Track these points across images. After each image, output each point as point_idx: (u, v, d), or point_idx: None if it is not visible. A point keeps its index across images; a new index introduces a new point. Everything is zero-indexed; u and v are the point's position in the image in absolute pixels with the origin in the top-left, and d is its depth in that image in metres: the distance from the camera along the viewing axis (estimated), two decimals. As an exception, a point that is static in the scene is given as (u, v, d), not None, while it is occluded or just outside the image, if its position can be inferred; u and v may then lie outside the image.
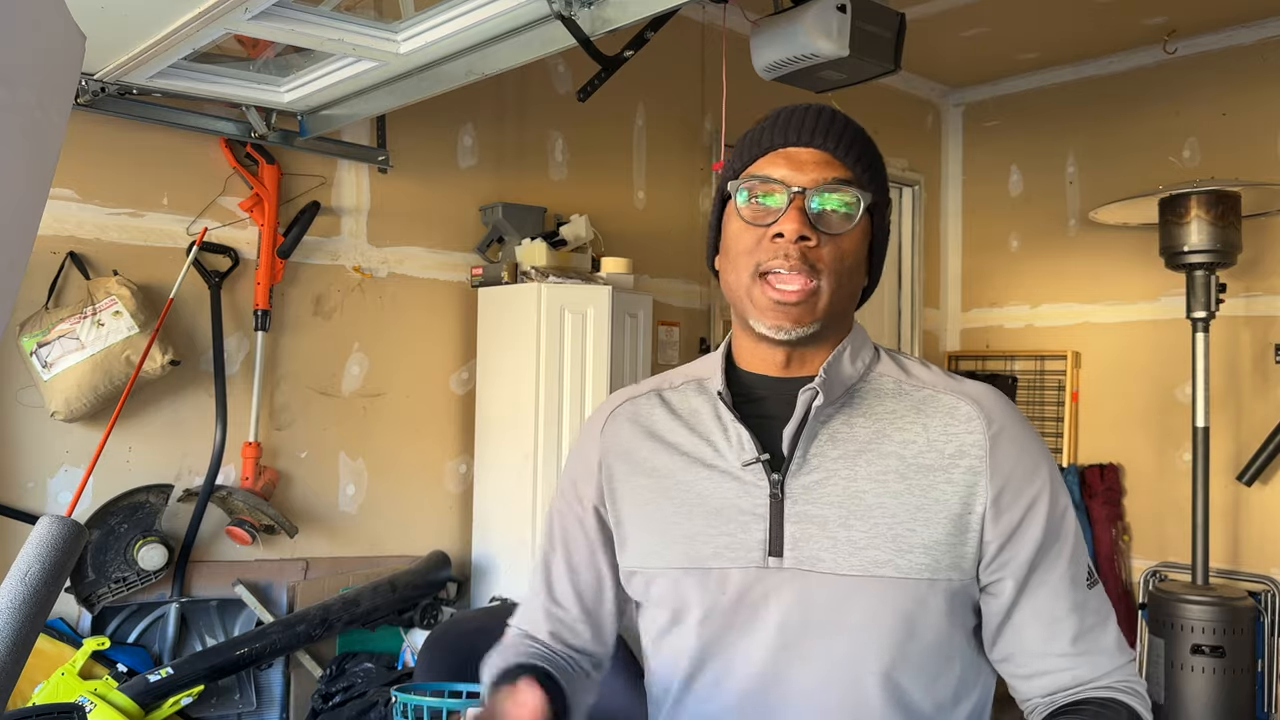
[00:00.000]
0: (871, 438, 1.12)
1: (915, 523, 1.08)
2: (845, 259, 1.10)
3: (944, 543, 1.08)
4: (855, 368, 1.15)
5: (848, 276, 1.11)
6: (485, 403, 3.48)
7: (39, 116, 0.66)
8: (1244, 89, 4.36)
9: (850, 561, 1.08)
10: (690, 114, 4.24)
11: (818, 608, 1.08)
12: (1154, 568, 4.49)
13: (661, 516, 1.16)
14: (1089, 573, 1.13)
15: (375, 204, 3.38)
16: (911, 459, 1.10)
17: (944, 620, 1.09)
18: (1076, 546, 1.13)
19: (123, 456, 2.87)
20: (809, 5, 2.27)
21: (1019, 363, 5.09)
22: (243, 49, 2.65)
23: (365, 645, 3.11)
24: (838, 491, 1.10)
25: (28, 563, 0.82)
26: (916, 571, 1.07)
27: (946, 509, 1.08)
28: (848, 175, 1.11)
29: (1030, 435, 1.14)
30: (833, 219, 1.09)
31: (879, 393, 1.15)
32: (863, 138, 1.14)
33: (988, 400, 1.14)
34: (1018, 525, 1.09)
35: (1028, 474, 1.10)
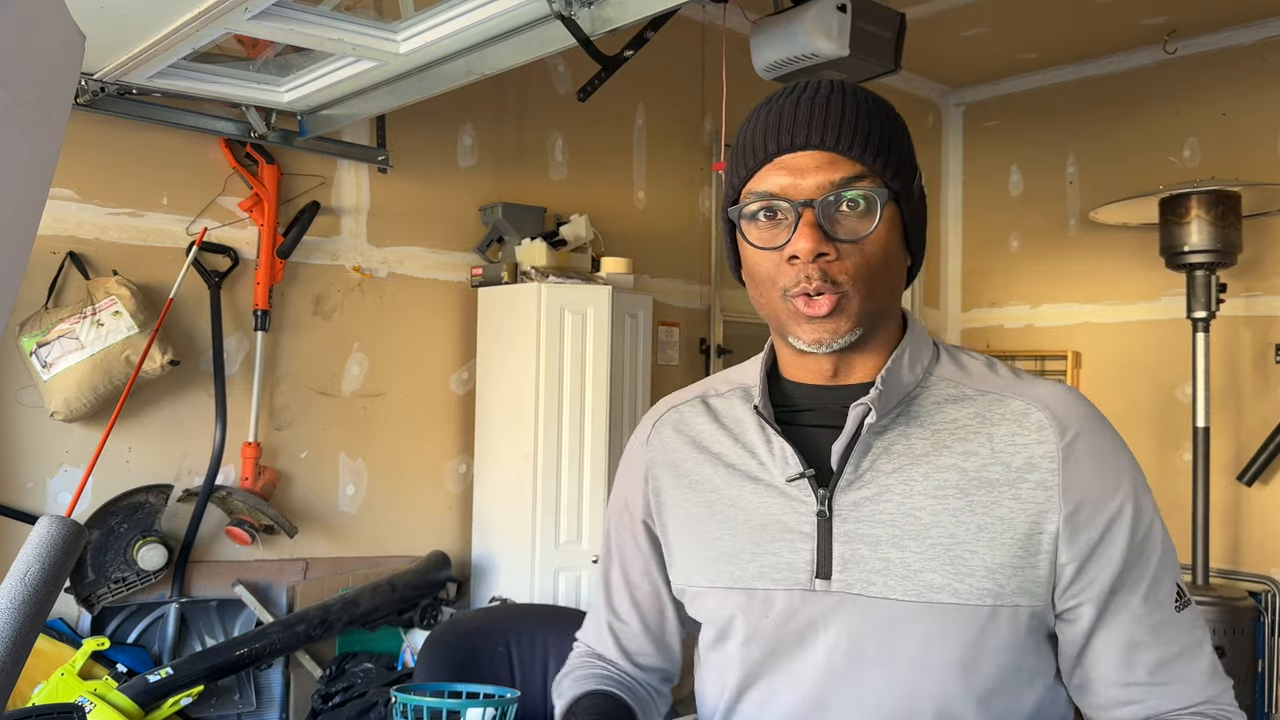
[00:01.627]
0: (929, 450, 1.01)
1: (977, 544, 0.98)
2: (873, 261, 0.98)
3: (1009, 565, 0.98)
4: (914, 373, 1.04)
5: (881, 276, 1.00)
6: (485, 403, 3.48)
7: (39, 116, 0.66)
8: (1244, 89, 4.35)
9: (904, 586, 0.99)
10: (690, 114, 4.24)
11: (868, 635, 1.00)
12: (1154, 568, 4.49)
13: (706, 531, 1.10)
14: (1179, 593, 1.02)
15: (375, 204, 3.38)
16: (974, 473, 1.00)
17: (1009, 651, 0.99)
18: (1163, 564, 1.01)
19: (122, 456, 2.86)
20: (809, 5, 2.27)
21: (1019, 363, 5.09)
22: (243, 49, 2.65)
23: (365, 645, 3.11)
24: (891, 509, 1.01)
25: (27, 563, 0.82)
26: (978, 598, 0.97)
27: (1013, 528, 0.98)
28: (857, 170, 0.97)
29: (1111, 441, 1.03)
30: (849, 225, 0.97)
31: (938, 399, 1.04)
32: (868, 115, 0.99)
33: (1061, 405, 1.02)
34: (1096, 545, 0.98)
35: (1108, 487, 0.99)
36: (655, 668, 1.24)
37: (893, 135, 1.00)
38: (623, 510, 1.20)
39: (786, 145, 0.98)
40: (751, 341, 4.36)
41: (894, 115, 1.02)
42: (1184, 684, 1.00)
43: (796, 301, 0.99)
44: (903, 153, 1.01)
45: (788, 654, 1.04)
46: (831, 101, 0.99)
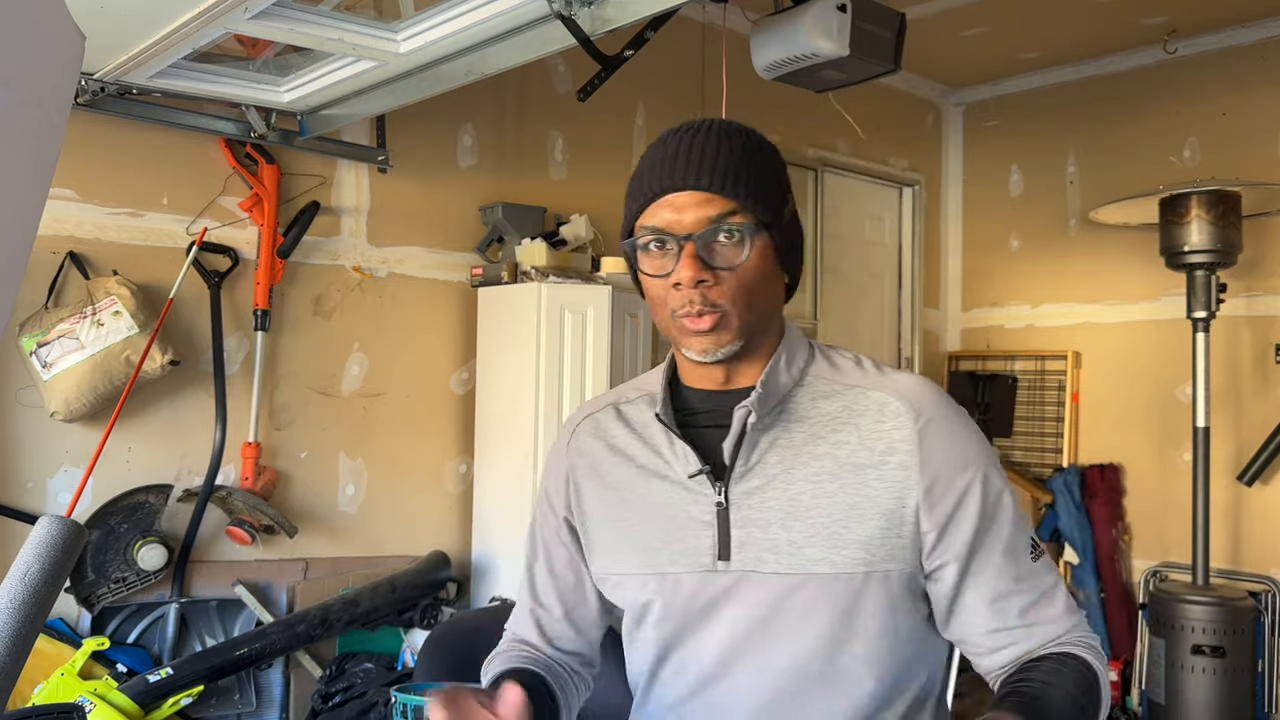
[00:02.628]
0: (807, 441, 1.17)
1: (850, 520, 1.14)
2: (747, 284, 1.14)
3: (878, 537, 1.14)
4: (791, 374, 1.20)
5: (756, 296, 1.15)
6: (485, 403, 3.48)
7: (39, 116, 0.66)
8: (1244, 89, 4.36)
9: (790, 561, 1.15)
10: (690, 114, 4.21)
11: (762, 606, 1.16)
12: (1154, 568, 4.49)
13: (622, 525, 1.25)
14: (1032, 545, 1.18)
15: (375, 204, 3.38)
16: (845, 459, 1.16)
17: (884, 609, 1.15)
18: (1016, 524, 1.17)
19: (122, 456, 2.86)
20: (809, 5, 2.27)
21: (1019, 363, 5.09)
22: (243, 49, 2.65)
23: (365, 645, 3.11)
24: (777, 496, 1.17)
25: (27, 563, 0.82)
26: (851, 566, 1.14)
27: (878, 505, 1.14)
28: (730, 207, 1.12)
29: (960, 424, 1.19)
30: (724, 255, 1.13)
31: (814, 395, 1.20)
32: (742, 156, 1.14)
33: (916, 394, 1.18)
34: (952, 514, 1.14)
35: (958, 464, 1.15)
36: (575, 651, 1.37)
37: (763, 173, 1.15)
38: (547, 509, 1.35)
39: (669, 185, 1.14)
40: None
41: (768, 153, 1.18)
42: (1048, 623, 1.16)
43: (684, 320, 1.14)
44: (772, 188, 1.16)
45: (696, 627, 1.20)
46: (708, 145, 1.14)
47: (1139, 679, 4.29)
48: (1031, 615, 1.17)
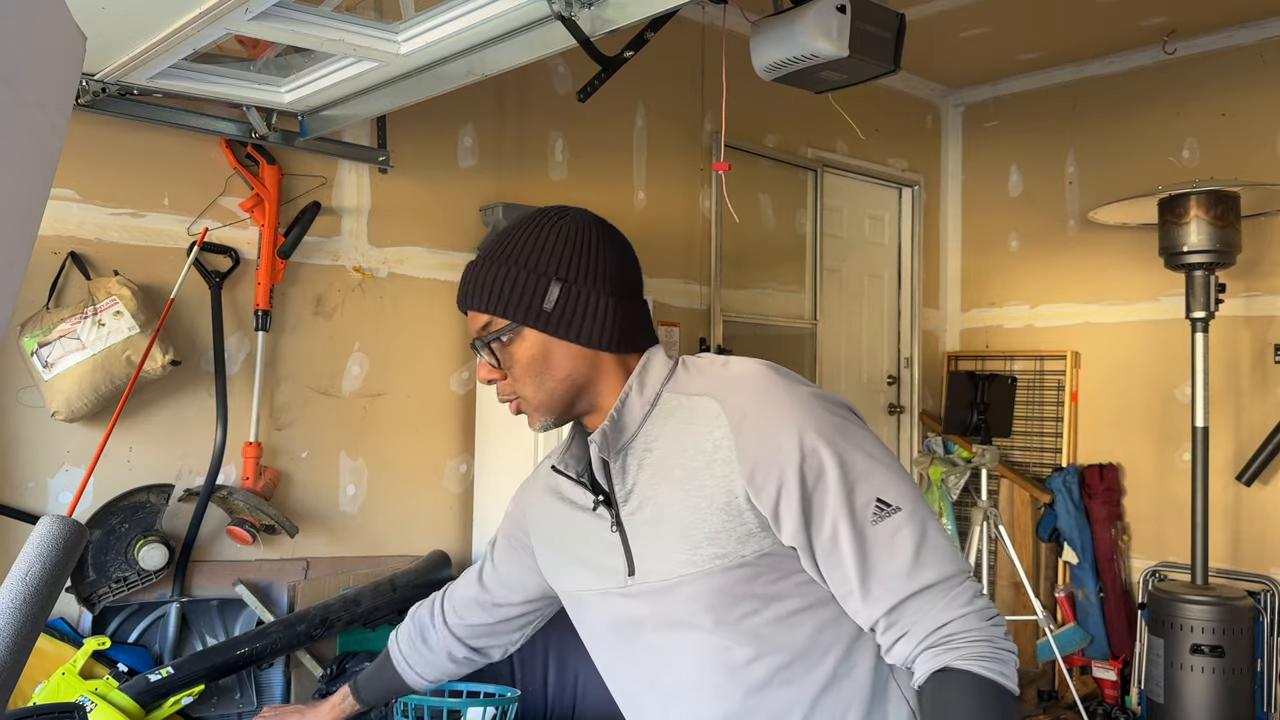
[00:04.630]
0: (662, 458, 1.29)
1: (696, 520, 1.24)
2: (528, 373, 1.32)
3: (723, 531, 1.23)
4: (645, 399, 1.32)
5: (545, 379, 1.32)
6: (486, 402, 3.48)
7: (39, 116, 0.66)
8: (1244, 89, 4.36)
9: (667, 568, 1.27)
10: (690, 114, 4.24)
11: (659, 611, 1.29)
12: (1153, 567, 4.49)
13: (560, 554, 1.46)
14: (877, 505, 1.19)
15: (376, 204, 3.38)
16: (686, 465, 1.26)
17: (754, 594, 1.23)
18: (849, 487, 1.19)
19: (123, 456, 2.87)
20: (809, 5, 2.27)
21: (1018, 363, 5.09)
22: (243, 49, 2.65)
23: (365, 645, 3.12)
24: (650, 512, 1.29)
25: (29, 562, 0.82)
26: (707, 562, 1.23)
27: (714, 501, 1.23)
28: (484, 320, 1.33)
29: (772, 408, 1.23)
30: (499, 355, 1.32)
31: (664, 414, 1.32)
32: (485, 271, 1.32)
33: (734, 389, 1.27)
34: (778, 495, 1.20)
35: (773, 446, 1.21)
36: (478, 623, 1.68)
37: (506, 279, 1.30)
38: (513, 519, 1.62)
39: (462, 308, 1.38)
40: (752, 341, 4.36)
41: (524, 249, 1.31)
42: (888, 580, 1.18)
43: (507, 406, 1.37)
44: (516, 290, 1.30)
45: (630, 635, 1.34)
46: (471, 269, 1.35)
47: (1138, 678, 4.30)
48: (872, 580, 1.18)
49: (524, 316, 1.30)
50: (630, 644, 1.35)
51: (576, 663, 2.84)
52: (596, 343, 1.31)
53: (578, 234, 1.32)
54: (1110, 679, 4.47)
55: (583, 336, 1.31)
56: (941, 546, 1.20)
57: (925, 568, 1.17)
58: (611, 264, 1.32)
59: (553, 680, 2.84)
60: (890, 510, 1.19)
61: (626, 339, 1.33)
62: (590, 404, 1.35)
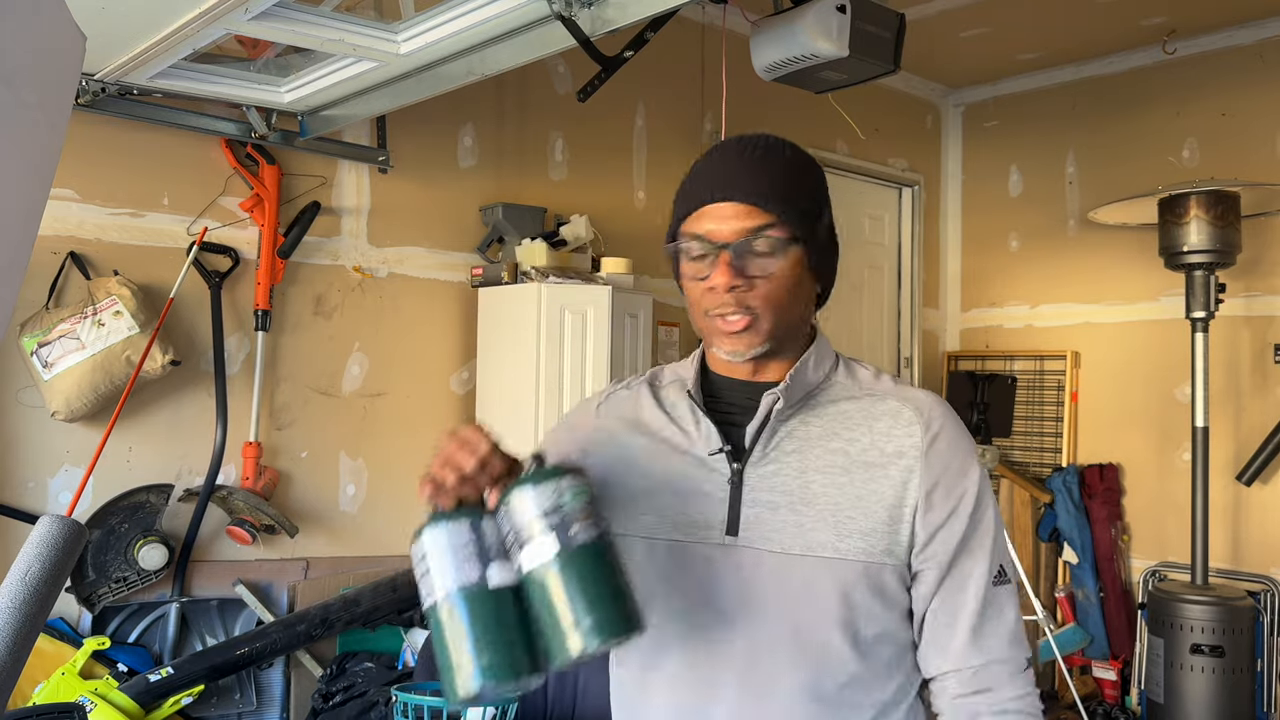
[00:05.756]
0: (823, 436, 1.26)
1: (855, 511, 1.22)
2: (778, 291, 1.23)
3: (879, 530, 1.22)
4: (817, 374, 1.29)
5: (786, 302, 1.24)
6: (485, 403, 3.48)
7: (39, 116, 0.66)
8: (1244, 89, 4.36)
9: (796, 542, 1.22)
10: (690, 114, 4.24)
11: (763, 580, 1.23)
12: (1153, 567, 4.49)
13: (631, 489, 1.32)
14: (1000, 572, 1.26)
15: (375, 204, 3.38)
16: (856, 455, 1.24)
17: (875, 597, 1.23)
18: (994, 546, 1.25)
19: (123, 456, 2.87)
20: (809, 5, 2.27)
21: (1018, 363, 5.09)
22: (243, 49, 2.66)
23: (365, 645, 3.12)
24: (789, 481, 1.24)
25: (28, 562, 0.82)
26: (854, 554, 1.21)
27: (883, 501, 1.22)
28: (768, 220, 1.21)
29: (963, 442, 1.27)
30: (758, 264, 1.22)
31: (834, 397, 1.29)
32: (782, 172, 1.24)
33: (928, 406, 1.27)
34: (944, 521, 1.22)
35: (957, 475, 1.24)
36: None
37: (800, 190, 1.25)
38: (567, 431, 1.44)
39: (711, 197, 1.24)
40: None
41: (810, 171, 1.27)
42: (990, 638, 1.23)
43: (717, 321, 1.24)
44: (809, 205, 1.25)
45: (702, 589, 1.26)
46: (753, 161, 1.25)
47: (1138, 678, 4.30)
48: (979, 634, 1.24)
49: (807, 234, 1.24)
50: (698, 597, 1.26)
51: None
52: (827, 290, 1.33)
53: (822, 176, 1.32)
54: (1110, 679, 4.47)
55: (825, 274, 1.30)
56: (1022, 629, 1.27)
57: (1021, 643, 1.25)
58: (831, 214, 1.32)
59: (553, 680, 2.84)
60: (1006, 579, 1.26)
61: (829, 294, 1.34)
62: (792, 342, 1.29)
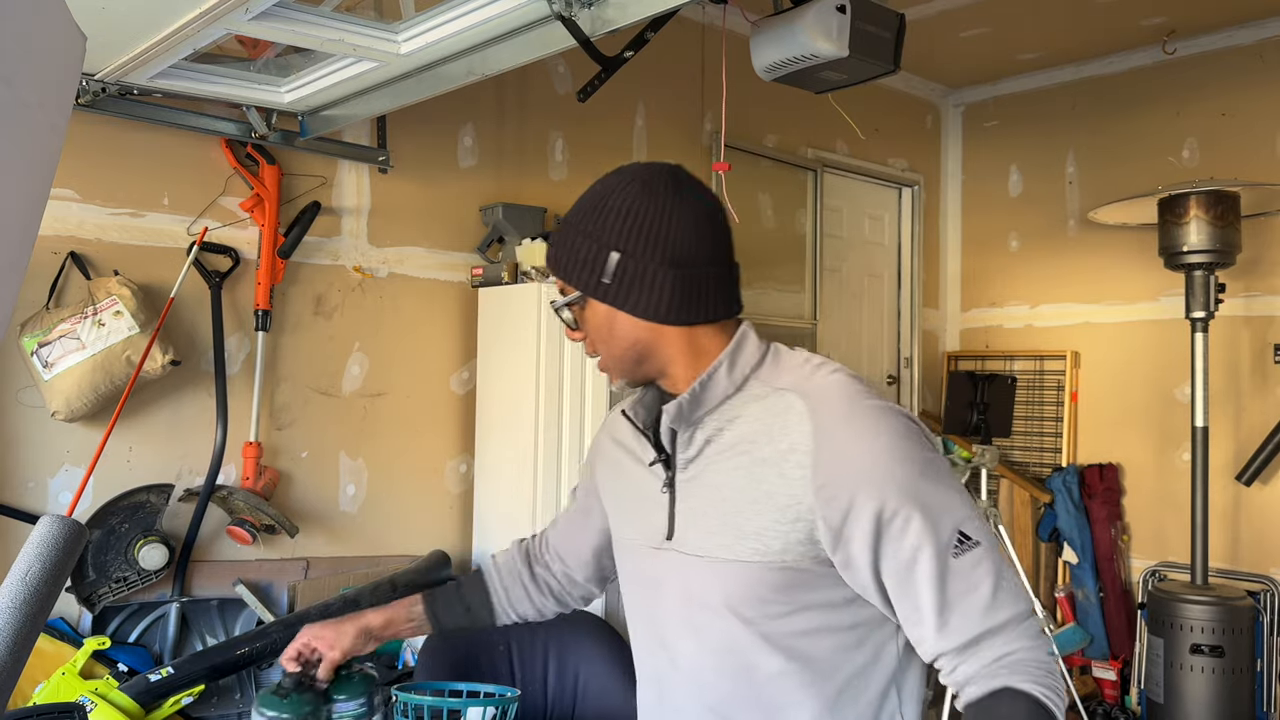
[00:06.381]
0: (734, 440, 1.28)
1: (750, 512, 1.24)
2: (600, 336, 1.34)
3: (772, 530, 1.22)
4: (733, 379, 1.30)
5: (614, 347, 1.33)
6: (485, 402, 3.48)
7: (39, 116, 0.66)
8: (1244, 89, 4.36)
9: (706, 545, 1.28)
10: (690, 114, 4.24)
11: (689, 583, 1.30)
12: (1153, 567, 4.49)
13: (617, 500, 1.48)
14: (958, 539, 1.17)
15: (375, 204, 3.38)
16: (756, 455, 1.25)
17: (782, 596, 1.23)
18: (930, 518, 1.17)
19: (123, 456, 2.87)
20: (808, 6, 2.27)
21: (1018, 363, 5.09)
22: (243, 49, 2.65)
23: (365, 645, 3.11)
24: (705, 486, 1.30)
25: (28, 562, 0.82)
26: (748, 555, 1.23)
27: (775, 500, 1.22)
28: (560, 285, 1.36)
29: (858, 424, 1.21)
30: (575, 318, 1.36)
31: (748, 398, 1.30)
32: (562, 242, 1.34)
33: (820, 395, 1.25)
34: (847, 514, 1.18)
35: (853, 465, 1.19)
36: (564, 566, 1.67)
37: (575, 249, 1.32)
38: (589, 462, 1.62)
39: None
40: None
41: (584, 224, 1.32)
42: (963, 617, 1.16)
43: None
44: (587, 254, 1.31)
45: (650, 596, 1.38)
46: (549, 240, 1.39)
47: (1138, 678, 4.30)
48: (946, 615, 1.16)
49: (587, 287, 1.31)
50: (651, 601, 1.39)
51: (576, 663, 2.84)
52: (653, 315, 1.30)
53: (641, 200, 1.29)
54: (1110, 679, 4.47)
55: (639, 309, 1.29)
56: (1014, 584, 1.19)
57: (1002, 606, 1.17)
58: (675, 232, 1.28)
59: (553, 680, 2.84)
60: (970, 544, 1.17)
61: (688, 311, 1.30)
62: (659, 370, 1.35)
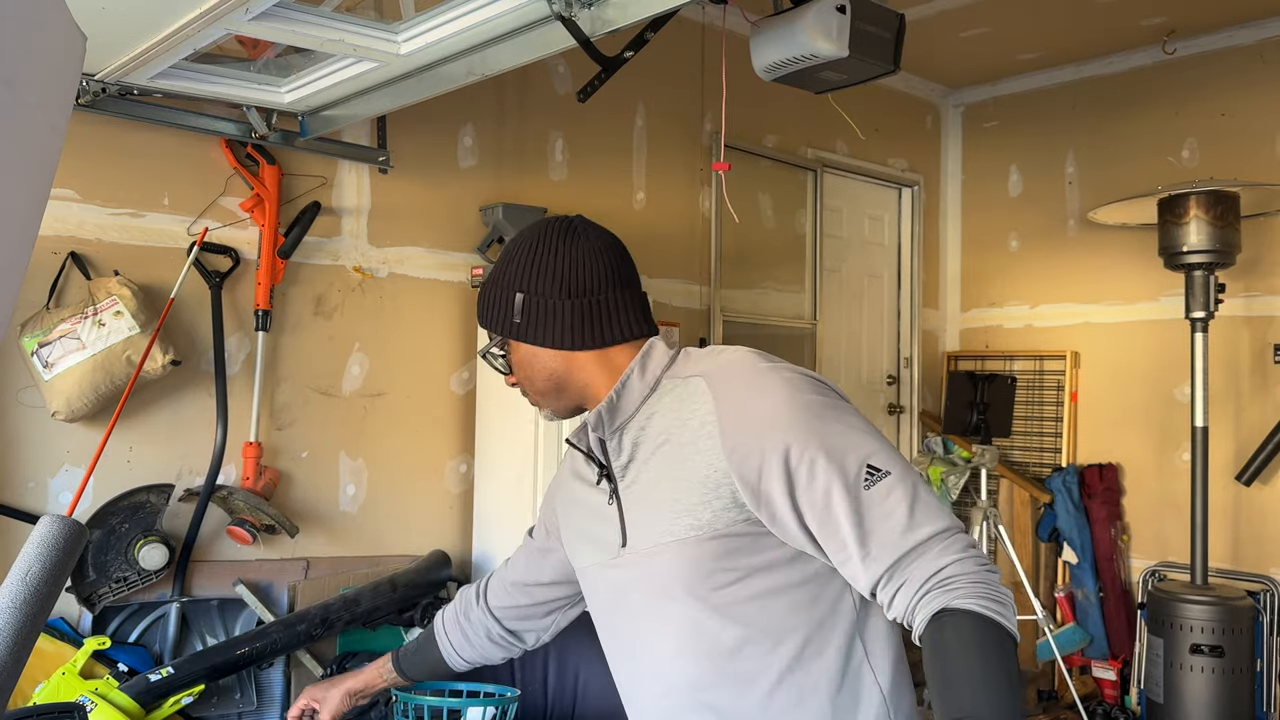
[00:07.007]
0: (657, 435, 1.37)
1: (679, 492, 1.31)
2: (524, 373, 1.46)
3: (700, 504, 1.29)
4: (645, 383, 1.40)
5: (536, 380, 1.45)
6: (486, 402, 3.48)
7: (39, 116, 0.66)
8: (1243, 89, 4.36)
9: (652, 538, 1.35)
10: (690, 114, 4.24)
11: (650, 581, 1.36)
12: (1153, 567, 4.49)
13: (576, 532, 1.54)
14: (867, 471, 1.22)
15: (376, 204, 3.38)
16: (675, 440, 1.34)
17: (727, 567, 1.29)
18: (838, 457, 1.23)
19: (123, 456, 2.87)
20: (808, 6, 2.27)
21: (1018, 363, 5.09)
22: (243, 49, 2.66)
23: (366, 645, 3.12)
24: (641, 484, 1.38)
25: (29, 562, 0.82)
26: (684, 532, 1.30)
27: (695, 475, 1.30)
28: (487, 334, 1.49)
29: (756, 386, 1.31)
30: (503, 363, 1.49)
31: (661, 394, 1.39)
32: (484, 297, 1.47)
33: (718, 372, 1.35)
34: (760, 470, 1.25)
35: (755, 423, 1.27)
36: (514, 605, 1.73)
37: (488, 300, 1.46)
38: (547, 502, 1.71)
39: None
40: (751, 341, 4.34)
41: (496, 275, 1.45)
42: (886, 545, 1.20)
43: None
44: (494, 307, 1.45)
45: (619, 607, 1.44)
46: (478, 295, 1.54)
47: (1138, 678, 4.30)
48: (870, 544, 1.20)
49: (503, 329, 1.45)
50: (619, 616, 1.45)
51: (577, 663, 2.84)
52: (560, 343, 1.42)
53: (535, 244, 1.42)
54: (1110, 679, 4.47)
55: (547, 339, 1.41)
56: (933, 504, 1.23)
57: (920, 525, 1.20)
58: (565, 267, 1.40)
59: (553, 680, 2.84)
60: (880, 475, 1.22)
61: (592, 335, 1.42)
62: (581, 395, 1.45)
